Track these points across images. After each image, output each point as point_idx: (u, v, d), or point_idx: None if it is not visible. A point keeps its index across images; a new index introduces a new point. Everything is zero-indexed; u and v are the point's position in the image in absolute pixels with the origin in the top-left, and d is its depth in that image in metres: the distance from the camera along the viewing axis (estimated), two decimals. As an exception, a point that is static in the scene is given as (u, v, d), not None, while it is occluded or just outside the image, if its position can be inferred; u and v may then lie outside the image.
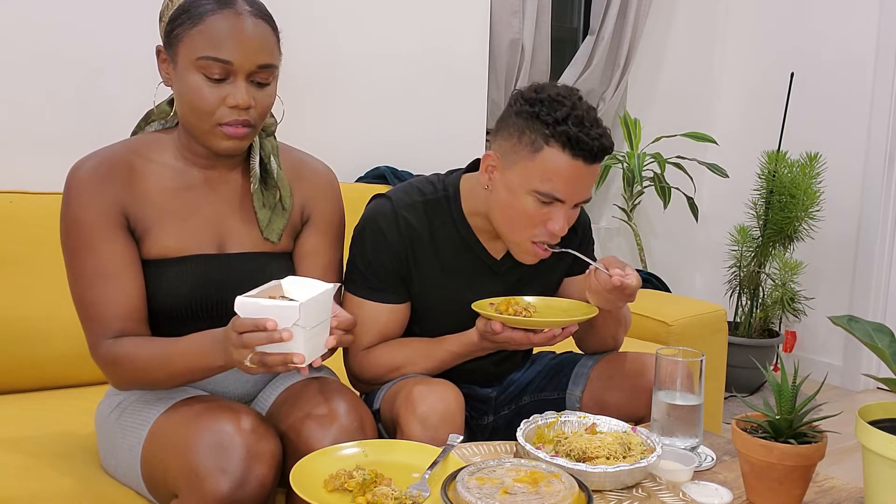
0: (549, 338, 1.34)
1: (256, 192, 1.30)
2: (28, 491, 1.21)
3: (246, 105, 1.18)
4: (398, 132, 2.57)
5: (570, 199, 1.33)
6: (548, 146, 1.30)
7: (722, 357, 2.41)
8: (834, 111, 3.28)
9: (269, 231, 1.31)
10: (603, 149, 1.31)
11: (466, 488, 1.00)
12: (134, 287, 1.22)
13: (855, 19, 3.20)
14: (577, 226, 1.57)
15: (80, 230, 1.21)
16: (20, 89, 1.88)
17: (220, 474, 1.04)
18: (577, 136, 1.28)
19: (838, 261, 3.32)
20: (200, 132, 1.22)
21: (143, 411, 1.23)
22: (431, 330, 1.48)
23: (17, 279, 1.65)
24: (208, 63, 1.16)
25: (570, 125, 1.28)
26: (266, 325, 1.02)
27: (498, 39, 2.76)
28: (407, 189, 1.48)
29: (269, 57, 1.20)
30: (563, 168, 1.30)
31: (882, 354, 1.07)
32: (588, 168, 1.32)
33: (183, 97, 1.21)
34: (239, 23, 1.17)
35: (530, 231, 1.36)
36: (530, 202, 1.33)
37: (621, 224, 3.25)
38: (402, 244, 1.42)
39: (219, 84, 1.18)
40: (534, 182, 1.31)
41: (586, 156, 1.30)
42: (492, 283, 1.50)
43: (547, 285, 1.57)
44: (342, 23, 2.42)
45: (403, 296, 1.46)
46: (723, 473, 1.25)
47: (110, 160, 1.24)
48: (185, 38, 1.18)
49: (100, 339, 1.20)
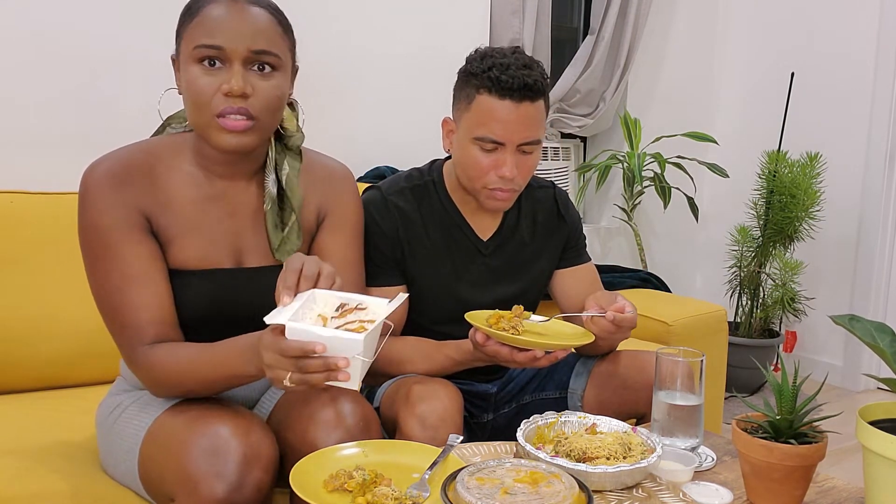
0: (531, 359, 1.30)
1: (269, 212, 1.26)
2: (28, 491, 1.21)
3: (240, 91, 1.13)
4: (398, 132, 2.57)
5: (508, 139, 1.40)
6: (478, 94, 1.41)
7: (722, 357, 2.41)
8: (834, 111, 3.28)
9: (281, 252, 1.27)
10: (525, 85, 1.38)
11: (466, 488, 1.00)
12: (164, 290, 1.18)
13: (855, 19, 3.20)
14: (567, 219, 1.61)
15: (102, 235, 1.16)
16: (20, 89, 1.88)
17: (216, 479, 1.02)
18: (498, 77, 1.37)
19: (839, 261, 3.32)
20: (202, 127, 1.18)
21: (141, 413, 1.22)
22: (424, 314, 1.52)
23: (17, 279, 1.65)
24: (201, 51, 1.14)
25: (494, 71, 1.38)
26: (315, 348, 0.98)
27: (498, 39, 2.76)
28: (394, 178, 1.57)
29: (266, 42, 1.17)
30: (493, 110, 1.39)
31: (883, 354, 1.07)
32: (518, 106, 1.39)
33: (185, 94, 1.18)
34: (233, 8, 1.16)
35: (484, 179, 1.44)
36: (476, 150, 1.42)
37: (621, 224, 3.25)
38: (393, 228, 1.49)
39: (214, 72, 1.15)
40: (473, 130, 1.42)
41: (512, 94, 1.38)
42: (478, 263, 1.55)
43: (536, 274, 1.60)
44: (342, 23, 2.42)
45: (400, 279, 1.49)
46: (723, 474, 1.25)
47: (127, 161, 1.20)
48: (185, 34, 1.17)
49: (135, 346, 1.16)
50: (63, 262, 1.67)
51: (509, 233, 1.58)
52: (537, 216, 1.61)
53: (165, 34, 2.12)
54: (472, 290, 1.54)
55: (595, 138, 3.37)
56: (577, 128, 3.10)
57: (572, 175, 3.23)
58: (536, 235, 1.60)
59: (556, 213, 1.62)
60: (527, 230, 1.59)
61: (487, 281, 1.55)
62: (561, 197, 1.65)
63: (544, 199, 1.62)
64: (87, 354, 1.69)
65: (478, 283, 1.55)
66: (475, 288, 1.54)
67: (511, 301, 1.49)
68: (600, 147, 3.30)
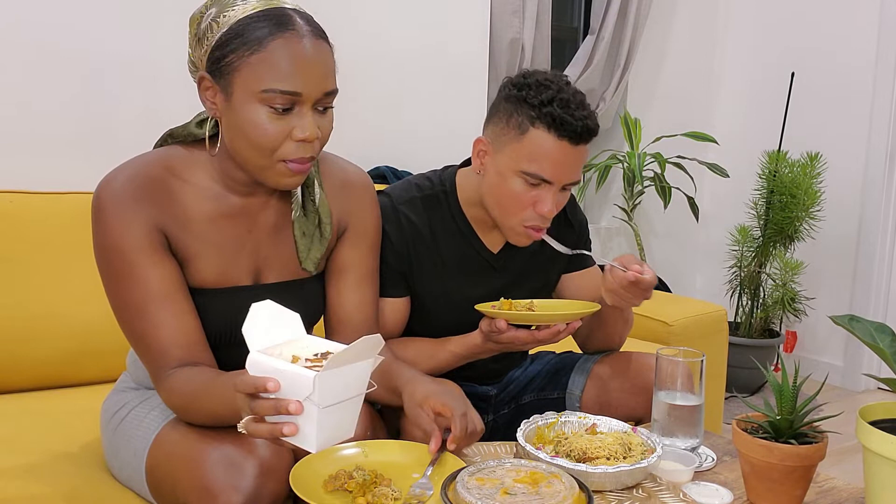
0: (554, 333, 1.33)
1: (298, 219, 1.23)
2: (28, 491, 1.21)
3: (314, 138, 1.10)
4: (398, 132, 2.57)
5: (557, 179, 1.36)
6: (534, 128, 1.33)
7: (722, 357, 2.41)
8: (835, 111, 3.28)
9: (308, 261, 1.24)
10: (587, 129, 1.35)
11: (466, 488, 1.00)
12: (189, 310, 1.14)
13: (856, 19, 3.20)
14: (574, 224, 1.59)
15: (123, 256, 1.11)
16: (20, 89, 1.88)
17: (233, 492, 1.00)
18: (561, 116, 1.32)
19: (839, 261, 3.32)
20: (258, 168, 1.12)
21: (149, 415, 1.20)
22: (430, 328, 1.49)
23: (17, 279, 1.65)
24: (275, 96, 1.06)
25: (555, 107, 1.32)
26: (267, 385, 0.87)
27: (498, 39, 2.76)
28: (405, 186, 1.50)
29: (333, 81, 1.13)
30: (549, 149, 1.33)
31: (883, 354, 1.07)
32: (574, 149, 1.35)
33: (240, 130, 1.10)
34: (302, 48, 1.08)
35: (521, 214, 1.39)
36: (519, 184, 1.36)
37: (622, 224, 3.25)
38: (402, 240, 1.44)
39: (283, 116, 1.08)
40: (521, 163, 1.35)
41: (571, 136, 1.33)
42: (489, 278, 1.51)
43: (545, 282, 1.58)
44: (342, 22, 2.41)
45: (403, 290, 1.47)
46: (723, 474, 1.25)
47: (143, 175, 1.14)
48: (244, 68, 1.07)
49: (160, 370, 1.12)
50: (63, 262, 1.67)
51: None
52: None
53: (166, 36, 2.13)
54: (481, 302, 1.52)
55: (595, 138, 3.36)
56: (578, 128, 3.09)
57: (572, 175, 3.23)
58: (546, 243, 1.58)
59: (564, 219, 1.58)
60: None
61: (497, 293, 1.51)
62: (569, 202, 1.62)
63: None
64: (88, 353, 1.68)
65: (487, 297, 1.50)
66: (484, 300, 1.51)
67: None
68: (600, 147, 3.30)
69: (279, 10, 1.10)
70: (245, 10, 1.09)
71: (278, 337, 0.95)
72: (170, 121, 1.27)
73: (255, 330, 0.94)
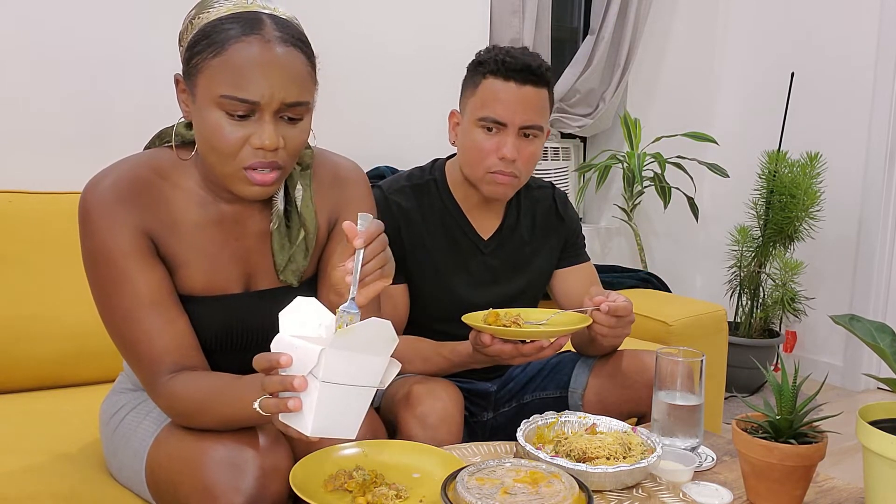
0: (538, 349, 1.32)
1: (276, 232, 1.19)
2: (27, 491, 1.21)
3: (273, 146, 1.05)
4: (398, 132, 2.57)
5: (510, 120, 1.43)
6: (484, 79, 1.46)
7: (722, 357, 2.41)
8: (834, 111, 3.28)
9: (286, 273, 1.20)
10: (528, 67, 1.42)
11: (466, 488, 1.00)
12: (180, 315, 1.12)
13: (855, 19, 3.20)
14: (566, 218, 1.63)
15: (111, 261, 1.08)
16: (20, 89, 1.88)
17: (235, 493, 1.00)
18: (503, 59, 1.43)
19: (839, 261, 3.32)
20: (223, 176, 1.09)
21: (147, 417, 1.20)
22: (421, 315, 1.53)
23: (17, 279, 1.65)
24: (229, 103, 1.03)
25: (499, 53, 1.45)
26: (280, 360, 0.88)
27: (498, 39, 2.76)
28: (395, 177, 1.59)
29: (300, 93, 1.06)
30: (497, 90, 1.44)
31: (884, 354, 1.06)
32: (520, 89, 1.43)
33: (202, 135, 1.08)
34: (265, 53, 1.03)
35: (485, 162, 1.46)
36: (479, 133, 1.46)
37: (621, 224, 3.25)
38: (395, 228, 1.49)
39: (242, 122, 1.05)
40: (476, 112, 1.46)
41: (515, 76, 1.42)
42: (479, 263, 1.56)
43: (535, 273, 1.61)
44: (341, 22, 2.42)
45: (401, 277, 1.49)
46: (723, 474, 1.25)
47: (130, 178, 1.11)
48: (205, 70, 1.04)
49: (155, 378, 1.09)
50: (62, 262, 1.66)
51: (509, 231, 1.59)
52: (536, 215, 1.62)
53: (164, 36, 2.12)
54: (472, 289, 1.54)
55: (595, 138, 3.37)
56: (577, 128, 3.10)
57: (572, 175, 3.23)
58: (535, 234, 1.61)
59: (554, 212, 1.64)
60: (526, 229, 1.61)
61: (487, 280, 1.56)
62: (560, 197, 1.67)
63: (543, 199, 1.64)
64: (87, 354, 1.68)
65: (477, 282, 1.55)
66: (475, 286, 1.55)
67: (510, 299, 1.51)
68: (600, 147, 3.30)
69: (251, 14, 1.06)
70: (219, 12, 1.07)
71: (312, 331, 0.97)
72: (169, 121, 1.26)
73: (290, 317, 0.96)
